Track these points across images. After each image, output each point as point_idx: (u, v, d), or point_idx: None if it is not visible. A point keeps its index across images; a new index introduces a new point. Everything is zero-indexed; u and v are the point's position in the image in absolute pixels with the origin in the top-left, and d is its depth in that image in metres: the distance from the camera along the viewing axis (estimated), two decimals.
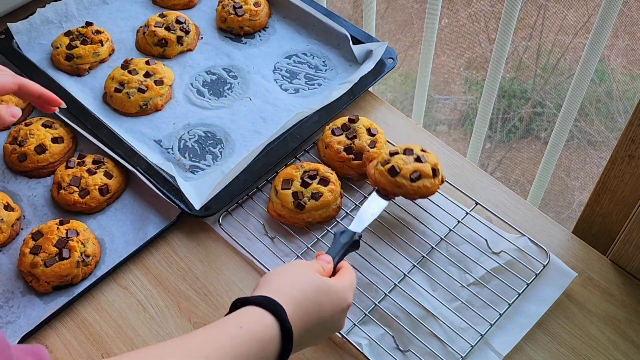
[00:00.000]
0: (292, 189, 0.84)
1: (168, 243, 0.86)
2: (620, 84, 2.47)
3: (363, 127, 0.90)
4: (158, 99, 0.97)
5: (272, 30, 1.10)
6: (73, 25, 1.09)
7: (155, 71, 0.99)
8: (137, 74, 0.98)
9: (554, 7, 2.59)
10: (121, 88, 0.96)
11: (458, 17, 2.70)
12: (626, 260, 0.81)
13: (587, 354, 0.76)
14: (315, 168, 0.86)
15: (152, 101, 0.96)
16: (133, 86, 0.96)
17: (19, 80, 0.72)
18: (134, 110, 0.96)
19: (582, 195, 2.39)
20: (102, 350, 0.76)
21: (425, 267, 0.82)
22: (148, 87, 0.96)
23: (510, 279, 0.80)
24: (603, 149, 2.44)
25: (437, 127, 2.60)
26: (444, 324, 0.76)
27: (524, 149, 2.53)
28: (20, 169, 0.90)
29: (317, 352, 0.76)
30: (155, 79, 0.98)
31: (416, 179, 0.80)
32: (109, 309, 0.80)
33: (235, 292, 0.81)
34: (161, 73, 0.99)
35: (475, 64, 2.67)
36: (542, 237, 0.85)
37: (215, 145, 0.94)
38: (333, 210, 0.85)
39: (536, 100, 2.55)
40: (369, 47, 1.02)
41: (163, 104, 0.98)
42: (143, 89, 0.96)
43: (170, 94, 0.99)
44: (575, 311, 0.79)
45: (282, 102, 0.99)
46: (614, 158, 0.79)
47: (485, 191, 0.90)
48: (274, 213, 0.85)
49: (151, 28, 1.04)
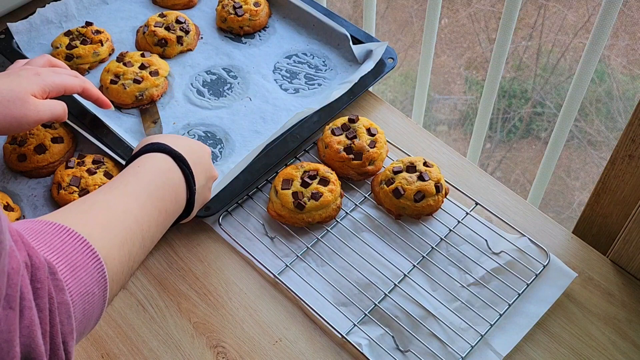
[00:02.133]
0: (292, 189, 0.84)
1: (168, 243, 0.86)
2: (620, 84, 2.47)
3: (363, 127, 0.90)
4: (154, 90, 0.97)
5: (272, 30, 1.10)
6: (73, 25, 1.09)
7: (150, 63, 0.99)
8: (132, 66, 0.98)
9: (554, 7, 2.59)
10: (117, 80, 0.97)
11: (458, 17, 2.70)
12: (626, 260, 0.81)
13: (587, 354, 0.76)
14: (315, 168, 0.86)
15: (148, 92, 0.97)
16: (128, 77, 0.97)
17: (84, 84, 0.81)
18: (130, 102, 0.97)
19: (582, 195, 2.39)
20: (102, 350, 0.76)
21: (425, 267, 0.81)
22: (143, 77, 0.97)
23: (510, 279, 0.80)
24: (603, 149, 2.44)
25: (437, 127, 2.60)
26: (444, 324, 0.76)
27: (524, 149, 2.53)
28: (20, 169, 0.90)
29: (317, 352, 0.76)
30: (150, 70, 0.98)
31: (420, 199, 0.83)
32: (108, 309, 0.80)
33: (235, 292, 0.81)
34: (156, 65, 0.99)
35: (475, 64, 2.67)
36: (542, 237, 0.85)
37: (215, 145, 0.94)
38: (333, 210, 0.85)
39: (536, 100, 2.55)
40: (369, 47, 1.02)
41: (159, 94, 0.98)
42: (139, 79, 0.96)
43: (166, 85, 1.00)
44: (575, 311, 0.79)
45: (282, 102, 0.99)
46: (614, 158, 0.79)
47: (485, 191, 0.90)
48: (274, 213, 0.85)
49: (151, 28, 1.04)
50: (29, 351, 0.38)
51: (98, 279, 0.48)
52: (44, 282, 0.41)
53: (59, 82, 0.77)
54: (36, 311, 0.39)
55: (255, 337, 0.77)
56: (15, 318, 0.37)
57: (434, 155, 0.94)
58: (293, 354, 0.76)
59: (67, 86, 0.78)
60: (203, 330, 0.78)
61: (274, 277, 0.81)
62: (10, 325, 0.36)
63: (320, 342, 0.77)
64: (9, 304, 0.36)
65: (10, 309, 0.36)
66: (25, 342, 0.37)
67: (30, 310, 0.38)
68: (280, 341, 0.77)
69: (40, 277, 0.40)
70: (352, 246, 0.83)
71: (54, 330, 0.41)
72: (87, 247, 0.48)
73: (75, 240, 0.48)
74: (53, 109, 0.76)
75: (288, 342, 0.77)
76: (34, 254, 0.41)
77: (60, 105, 0.77)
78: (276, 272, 0.81)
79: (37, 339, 0.38)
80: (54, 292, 0.42)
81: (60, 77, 0.77)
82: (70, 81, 0.79)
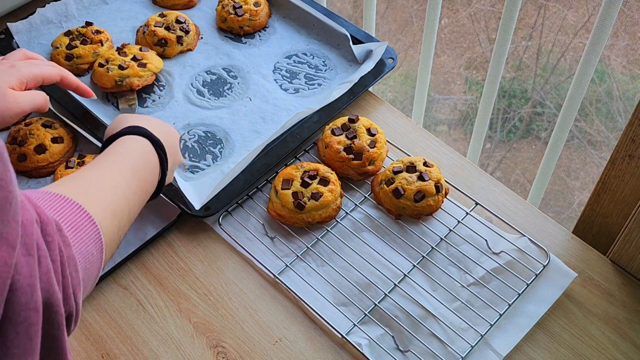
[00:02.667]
0: (292, 189, 0.84)
1: (168, 243, 0.86)
2: (620, 84, 2.47)
3: (363, 127, 0.90)
4: (135, 79, 0.97)
5: (272, 30, 1.10)
6: (73, 25, 1.09)
7: (143, 57, 1.00)
8: (125, 56, 0.99)
9: (554, 7, 2.59)
10: (104, 64, 0.98)
11: (458, 17, 2.70)
12: (626, 260, 0.81)
13: (587, 354, 0.76)
14: (315, 168, 0.86)
15: (129, 79, 0.97)
16: (115, 63, 0.98)
17: (62, 72, 0.81)
18: (109, 85, 0.97)
19: (582, 195, 2.39)
20: (102, 350, 0.76)
21: (425, 267, 0.81)
22: (129, 66, 0.98)
23: (510, 279, 0.80)
24: (603, 149, 2.44)
25: (437, 127, 2.59)
26: (444, 324, 0.76)
27: (524, 149, 2.52)
28: (20, 169, 0.90)
29: (317, 352, 0.76)
30: (140, 62, 0.99)
31: (420, 199, 0.83)
32: (108, 309, 0.80)
33: (235, 292, 0.81)
34: (148, 59, 1.00)
35: (475, 64, 2.67)
36: (542, 237, 0.85)
37: (215, 145, 0.94)
38: (333, 210, 0.85)
39: (536, 100, 2.55)
40: (369, 47, 1.02)
41: (139, 84, 0.98)
42: (123, 67, 0.97)
43: (152, 79, 1.00)
44: (575, 311, 0.79)
45: (282, 102, 0.99)
46: (614, 158, 0.79)
47: (485, 191, 0.90)
48: (274, 213, 0.85)
49: (151, 28, 1.04)
50: (48, 297, 0.39)
51: (95, 241, 0.51)
52: (54, 236, 0.43)
53: (37, 72, 0.77)
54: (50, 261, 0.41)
55: (255, 337, 0.77)
56: (35, 265, 0.38)
57: (434, 155, 0.94)
58: (293, 354, 0.76)
59: (45, 75, 0.78)
60: (203, 330, 0.78)
61: (274, 277, 0.81)
62: (32, 271, 0.38)
63: (320, 342, 0.77)
64: (28, 252, 0.38)
65: (29, 255, 0.38)
66: (44, 287, 0.39)
67: (46, 259, 0.40)
68: (280, 341, 0.77)
69: (50, 231, 0.42)
70: (352, 246, 0.83)
71: (65, 281, 0.43)
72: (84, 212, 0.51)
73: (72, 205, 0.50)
74: (34, 99, 0.76)
75: (288, 342, 0.77)
76: (41, 212, 0.43)
77: (41, 95, 0.77)
78: (276, 272, 0.81)
79: (54, 286, 0.40)
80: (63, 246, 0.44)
81: (37, 67, 0.77)
82: (47, 70, 0.78)
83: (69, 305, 0.43)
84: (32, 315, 0.37)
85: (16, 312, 0.36)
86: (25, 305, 0.37)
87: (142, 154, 0.65)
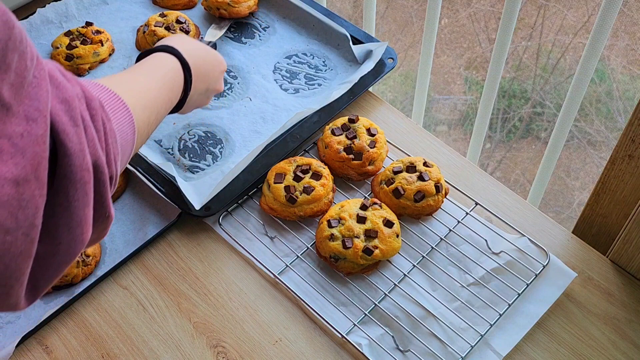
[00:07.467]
0: (284, 183, 0.84)
1: (168, 243, 0.86)
2: (620, 84, 2.47)
3: (363, 127, 0.90)
4: None
5: (272, 30, 1.10)
6: (73, 25, 1.09)
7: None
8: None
9: (554, 7, 2.59)
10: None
11: (458, 17, 2.70)
12: (626, 260, 0.81)
13: (587, 354, 0.76)
14: (308, 162, 0.86)
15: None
16: None
17: None
18: None
19: (582, 195, 2.39)
20: (102, 350, 0.76)
21: (425, 267, 0.82)
22: None
23: (510, 279, 0.80)
24: (603, 149, 2.44)
25: (437, 127, 2.59)
26: (444, 324, 0.76)
27: (524, 149, 2.53)
28: None
29: (317, 352, 0.76)
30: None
31: (420, 199, 0.83)
32: (109, 308, 0.80)
33: (235, 292, 0.81)
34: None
35: (475, 64, 2.67)
36: (542, 237, 0.85)
37: (215, 145, 0.94)
38: (325, 204, 0.85)
39: (536, 100, 2.55)
40: (369, 47, 1.02)
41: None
42: None
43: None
44: (575, 311, 0.79)
45: (282, 102, 0.99)
46: (614, 158, 0.79)
47: (485, 191, 0.90)
48: (266, 207, 0.85)
49: (151, 28, 1.04)
50: (96, 159, 0.46)
51: (129, 123, 0.57)
52: (97, 110, 0.49)
53: None
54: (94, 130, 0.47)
55: (255, 337, 0.77)
56: (82, 133, 0.45)
57: (434, 155, 0.94)
58: (293, 353, 0.76)
59: None
60: (203, 330, 0.78)
61: (274, 277, 0.81)
62: (80, 139, 0.44)
63: (320, 342, 0.77)
64: (75, 123, 0.45)
65: (76, 126, 0.45)
66: (92, 152, 0.46)
67: (91, 129, 0.47)
68: (280, 341, 0.77)
69: (94, 106, 0.48)
70: None
71: (108, 149, 0.49)
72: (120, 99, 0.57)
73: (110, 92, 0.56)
74: None
75: (288, 342, 0.77)
76: (86, 90, 0.49)
77: None
78: (276, 272, 0.81)
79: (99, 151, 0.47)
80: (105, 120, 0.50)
81: None
82: None
83: (111, 169, 0.50)
84: (86, 174, 0.44)
85: (73, 173, 0.43)
86: (80, 167, 0.44)
87: (172, 69, 0.71)
